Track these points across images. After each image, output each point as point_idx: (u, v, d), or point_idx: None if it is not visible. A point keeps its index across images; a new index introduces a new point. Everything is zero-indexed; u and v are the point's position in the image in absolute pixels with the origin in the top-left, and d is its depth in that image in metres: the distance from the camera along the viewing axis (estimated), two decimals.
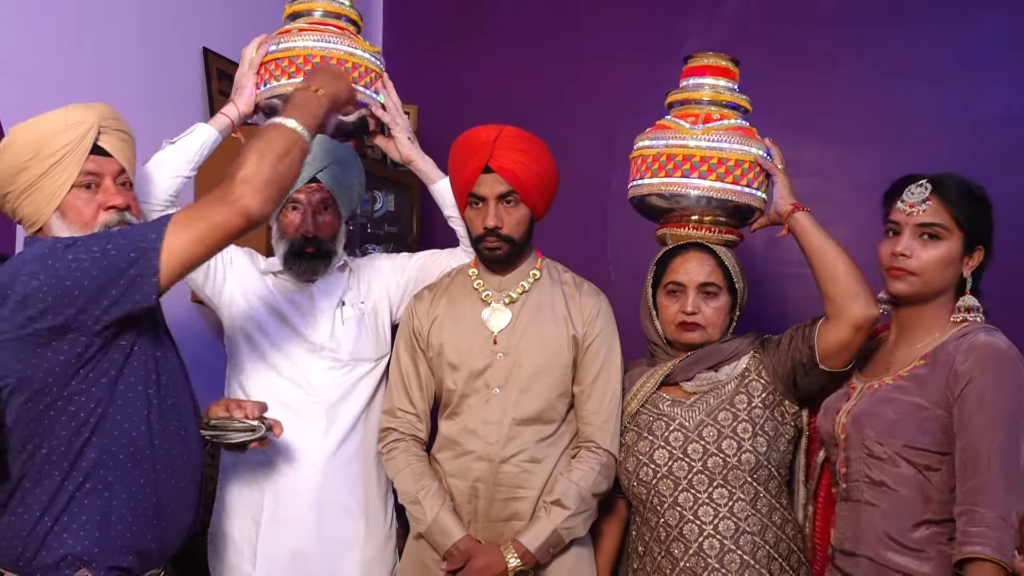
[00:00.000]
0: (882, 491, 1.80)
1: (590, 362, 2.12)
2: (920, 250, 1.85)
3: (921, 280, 1.86)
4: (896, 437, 1.80)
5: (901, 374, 1.85)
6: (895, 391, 1.84)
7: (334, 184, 2.20)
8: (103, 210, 1.74)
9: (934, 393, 1.78)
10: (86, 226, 1.72)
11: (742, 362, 2.09)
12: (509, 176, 2.06)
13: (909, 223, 1.87)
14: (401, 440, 2.15)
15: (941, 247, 1.85)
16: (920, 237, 1.86)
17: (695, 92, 2.20)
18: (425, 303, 2.20)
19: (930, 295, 1.88)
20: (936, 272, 1.85)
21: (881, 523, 1.80)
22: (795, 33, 3.07)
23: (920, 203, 1.86)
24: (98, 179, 1.75)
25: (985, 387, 1.72)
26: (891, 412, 1.81)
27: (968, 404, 1.73)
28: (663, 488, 2.04)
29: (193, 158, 2.13)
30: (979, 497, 1.67)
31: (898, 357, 1.90)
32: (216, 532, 2.17)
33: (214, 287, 2.22)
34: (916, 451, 1.78)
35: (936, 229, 1.85)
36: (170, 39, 2.86)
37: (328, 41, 2.18)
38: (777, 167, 2.12)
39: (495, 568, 1.99)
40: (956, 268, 1.86)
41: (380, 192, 3.37)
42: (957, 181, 1.88)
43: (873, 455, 1.82)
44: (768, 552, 1.99)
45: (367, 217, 3.32)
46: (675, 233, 2.17)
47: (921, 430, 1.78)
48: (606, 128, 3.25)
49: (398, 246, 3.39)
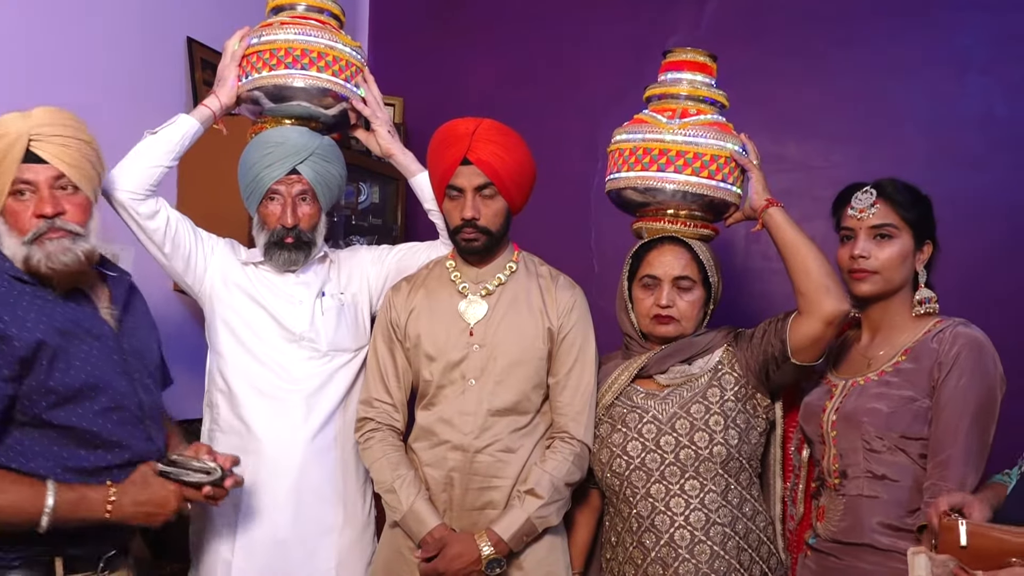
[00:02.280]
0: (883, 483, 1.89)
1: (565, 354, 2.14)
2: (876, 250, 1.97)
3: (882, 278, 1.98)
4: (892, 429, 1.89)
5: (886, 369, 1.94)
6: (883, 386, 1.93)
7: (314, 176, 2.22)
8: (34, 218, 1.75)
9: (920, 384, 1.89)
10: (22, 232, 1.75)
11: (715, 355, 2.12)
12: (487, 168, 2.08)
13: (862, 227, 1.99)
14: (378, 430, 2.17)
15: (895, 245, 1.97)
16: (874, 238, 1.98)
17: (672, 87, 2.21)
18: (403, 294, 2.22)
19: (891, 291, 1.99)
20: (894, 268, 1.97)
21: (881, 513, 1.89)
22: (779, 30, 3.10)
23: (869, 207, 1.98)
24: (32, 187, 1.76)
25: (963, 371, 1.85)
26: (884, 406, 1.90)
27: (947, 387, 1.85)
28: (636, 479, 2.07)
29: (174, 149, 2.16)
30: (944, 472, 1.82)
31: (877, 354, 2.00)
32: (197, 518, 2.20)
33: (195, 276, 2.24)
34: (912, 441, 1.88)
35: (888, 229, 1.97)
36: (154, 29, 2.87)
37: (309, 35, 2.21)
38: (752, 163, 2.15)
39: (468, 556, 2.02)
40: (910, 263, 1.99)
41: (365, 184, 3.39)
42: (898, 184, 2.01)
43: (873, 449, 1.90)
44: (738, 543, 2.03)
45: (352, 209, 3.34)
46: (651, 227, 2.19)
47: (915, 420, 1.88)
48: (591, 121, 3.28)
49: (383, 238, 3.41)
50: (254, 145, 2.24)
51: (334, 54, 2.23)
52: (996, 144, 2.82)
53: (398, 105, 3.50)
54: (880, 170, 2.08)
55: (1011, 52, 2.82)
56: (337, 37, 2.26)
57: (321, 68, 2.21)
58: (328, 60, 2.22)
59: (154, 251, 2.19)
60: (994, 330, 1.93)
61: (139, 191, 2.11)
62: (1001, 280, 2.77)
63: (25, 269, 1.75)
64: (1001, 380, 1.88)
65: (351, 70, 2.27)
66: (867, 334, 2.05)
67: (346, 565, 2.20)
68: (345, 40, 2.28)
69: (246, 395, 2.18)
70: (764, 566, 2.06)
